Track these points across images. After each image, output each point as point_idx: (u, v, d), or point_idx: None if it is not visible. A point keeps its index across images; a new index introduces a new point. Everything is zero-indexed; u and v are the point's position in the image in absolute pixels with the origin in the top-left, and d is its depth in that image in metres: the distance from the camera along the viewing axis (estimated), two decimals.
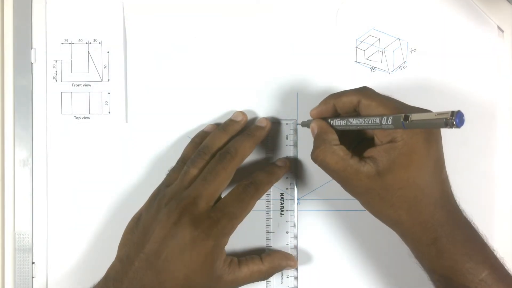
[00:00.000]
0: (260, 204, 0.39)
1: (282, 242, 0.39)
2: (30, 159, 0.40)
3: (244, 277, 0.35)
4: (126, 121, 0.40)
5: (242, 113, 0.38)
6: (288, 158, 0.39)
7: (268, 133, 0.38)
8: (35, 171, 0.40)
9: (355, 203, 0.38)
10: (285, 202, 0.39)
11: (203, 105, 0.40)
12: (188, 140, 0.39)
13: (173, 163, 0.38)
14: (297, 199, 0.39)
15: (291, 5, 0.39)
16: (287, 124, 0.39)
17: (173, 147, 0.39)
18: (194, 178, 0.34)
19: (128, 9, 0.40)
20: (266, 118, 0.38)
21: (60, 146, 0.40)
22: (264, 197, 0.39)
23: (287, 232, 0.39)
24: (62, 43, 0.40)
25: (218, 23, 0.40)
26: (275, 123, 0.39)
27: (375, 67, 0.39)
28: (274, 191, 0.39)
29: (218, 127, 0.38)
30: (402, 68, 0.39)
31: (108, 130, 0.40)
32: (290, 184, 0.39)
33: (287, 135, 0.39)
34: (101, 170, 0.40)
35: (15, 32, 0.40)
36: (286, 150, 0.39)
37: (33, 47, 0.40)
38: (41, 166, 0.40)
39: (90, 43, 0.40)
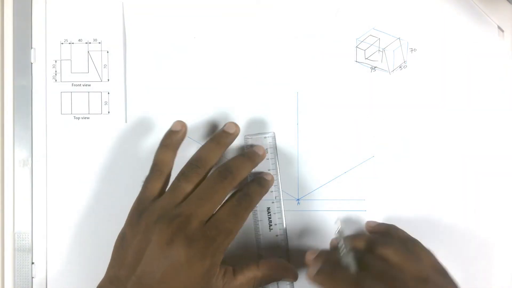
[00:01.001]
0: (247, 220, 0.38)
1: (274, 256, 0.38)
2: (30, 159, 0.40)
3: (240, 285, 0.33)
4: (126, 121, 0.40)
5: (235, 124, 0.36)
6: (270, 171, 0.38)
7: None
8: (34, 171, 0.40)
9: (355, 203, 0.38)
10: (272, 216, 0.38)
11: (203, 105, 0.40)
12: (188, 141, 0.38)
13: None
14: (297, 199, 0.39)
15: (291, 5, 0.39)
16: (265, 137, 0.39)
17: None
18: (187, 194, 0.33)
19: (128, 9, 0.40)
20: (262, 146, 0.37)
21: (60, 146, 0.40)
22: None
23: (278, 247, 0.38)
24: (62, 43, 0.40)
25: (218, 23, 0.40)
26: (254, 138, 0.38)
27: (375, 67, 0.39)
28: (259, 208, 0.38)
29: (210, 138, 0.36)
30: (402, 68, 0.39)
31: (107, 130, 0.40)
32: (275, 198, 0.38)
33: (266, 149, 0.38)
34: (100, 170, 0.40)
35: (15, 32, 0.40)
36: (268, 164, 0.38)
37: (33, 47, 0.40)
38: (41, 166, 0.40)
39: (90, 43, 0.40)
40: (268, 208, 0.38)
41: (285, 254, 0.38)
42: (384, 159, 0.39)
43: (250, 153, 0.36)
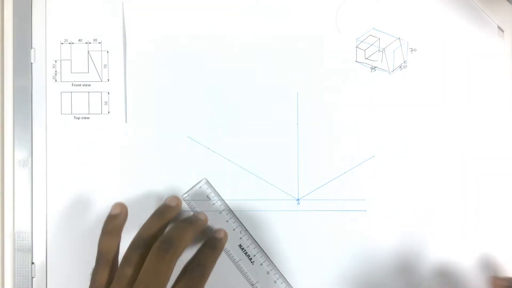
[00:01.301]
0: (230, 267, 0.38)
1: (270, 285, 0.38)
2: (30, 159, 0.40)
3: None
4: (126, 121, 0.40)
5: (177, 198, 0.37)
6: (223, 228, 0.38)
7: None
8: (34, 171, 0.40)
9: (355, 203, 0.38)
10: (247, 250, 0.38)
11: (203, 105, 0.40)
12: (188, 141, 0.38)
13: (173, 163, 0.38)
14: (297, 199, 0.39)
15: (291, 5, 0.39)
16: (200, 187, 0.38)
17: (173, 148, 0.39)
18: (132, 279, 0.31)
19: (128, 9, 0.40)
20: (203, 213, 0.37)
21: (60, 146, 0.40)
22: (227, 259, 0.38)
23: (268, 273, 0.38)
24: (62, 43, 0.40)
25: (218, 23, 0.40)
26: (190, 194, 0.38)
27: (375, 67, 0.39)
28: (232, 250, 0.38)
29: (152, 214, 0.35)
30: (402, 68, 0.39)
31: (107, 130, 0.40)
32: (240, 232, 0.38)
33: (207, 195, 0.38)
34: (100, 170, 0.40)
35: (15, 32, 0.40)
36: (217, 206, 0.38)
37: (33, 47, 0.40)
38: (41, 166, 0.40)
39: (90, 43, 0.40)
40: (240, 245, 0.38)
41: (280, 275, 0.38)
42: (384, 159, 0.39)
43: (191, 218, 0.36)
